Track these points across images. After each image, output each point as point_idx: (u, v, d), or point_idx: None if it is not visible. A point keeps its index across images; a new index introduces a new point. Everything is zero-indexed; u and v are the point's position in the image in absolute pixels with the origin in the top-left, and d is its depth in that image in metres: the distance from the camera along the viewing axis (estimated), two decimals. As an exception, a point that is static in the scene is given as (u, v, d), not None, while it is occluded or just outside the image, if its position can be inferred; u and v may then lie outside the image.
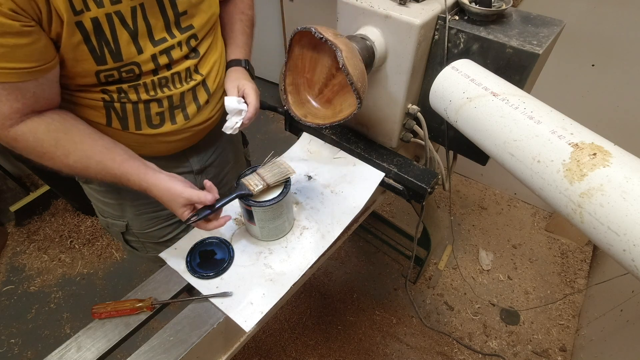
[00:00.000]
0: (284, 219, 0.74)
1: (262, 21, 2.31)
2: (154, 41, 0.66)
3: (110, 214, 0.90)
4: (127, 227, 0.91)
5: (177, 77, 0.73)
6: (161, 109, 0.73)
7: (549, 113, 0.55)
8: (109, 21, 0.60)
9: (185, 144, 0.83)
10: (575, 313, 1.56)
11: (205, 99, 0.78)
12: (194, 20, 0.71)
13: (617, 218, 0.43)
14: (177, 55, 0.71)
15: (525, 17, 0.74)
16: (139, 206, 0.87)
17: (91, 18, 0.58)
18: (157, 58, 0.68)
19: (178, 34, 0.70)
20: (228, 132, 0.76)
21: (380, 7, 0.71)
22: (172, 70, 0.71)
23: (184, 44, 0.71)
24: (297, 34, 0.68)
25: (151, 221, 0.91)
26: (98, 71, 0.63)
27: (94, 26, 0.59)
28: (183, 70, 0.73)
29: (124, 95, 0.68)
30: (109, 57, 0.62)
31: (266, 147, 2.27)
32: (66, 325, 1.56)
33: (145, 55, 0.66)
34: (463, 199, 2.00)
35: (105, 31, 0.60)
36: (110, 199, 0.86)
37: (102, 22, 0.59)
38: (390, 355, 1.48)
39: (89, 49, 0.60)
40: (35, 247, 1.82)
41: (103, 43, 0.61)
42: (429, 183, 0.81)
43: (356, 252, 1.80)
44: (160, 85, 0.71)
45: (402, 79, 0.77)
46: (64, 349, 0.62)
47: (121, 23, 0.61)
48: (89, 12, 0.57)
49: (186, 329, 0.64)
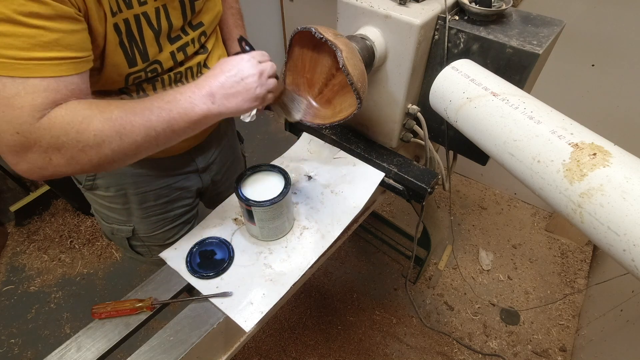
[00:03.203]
0: (284, 219, 0.74)
1: (262, 21, 2.31)
2: (171, 39, 0.67)
3: (115, 219, 0.89)
4: (133, 232, 0.91)
5: (190, 72, 0.74)
6: None
7: (549, 113, 0.55)
8: (136, 22, 0.60)
9: (191, 143, 0.85)
10: (575, 313, 1.56)
11: None
12: (203, 18, 0.73)
13: (617, 218, 0.43)
14: (191, 51, 0.72)
15: (525, 17, 0.74)
16: (146, 209, 0.88)
17: (123, 19, 0.58)
18: (175, 55, 0.69)
19: (190, 31, 0.71)
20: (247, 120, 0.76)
21: (380, 7, 0.71)
22: (185, 65, 0.72)
23: (196, 40, 0.73)
24: (297, 34, 0.68)
25: (158, 223, 0.92)
26: (129, 74, 0.63)
27: (126, 27, 0.59)
28: (195, 65, 0.74)
29: (142, 93, 0.68)
30: (138, 58, 0.63)
31: (266, 147, 2.27)
32: (66, 325, 1.56)
33: (165, 54, 0.67)
34: (463, 199, 2.00)
35: (134, 32, 0.60)
36: (117, 203, 0.86)
37: (131, 23, 0.59)
38: (390, 355, 1.48)
39: (123, 51, 0.60)
40: (35, 247, 1.82)
41: (133, 44, 0.61)
42: (429, 183, 0.81)
43: (356, 252, 1.80)
44: (175, 80, 0.72)
45: (402, 79, 0.77)
46: (64, 349, 0.62)
47: (147, 24, 0.62)
48: (122, 14, 0.57)
49: (186, 329, 0.64)
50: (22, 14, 0.44)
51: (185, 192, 0.92)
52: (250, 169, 0.75)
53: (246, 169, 0.75)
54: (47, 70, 0.47)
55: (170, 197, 0.89)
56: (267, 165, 0.77)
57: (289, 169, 0.89)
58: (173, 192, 0.89)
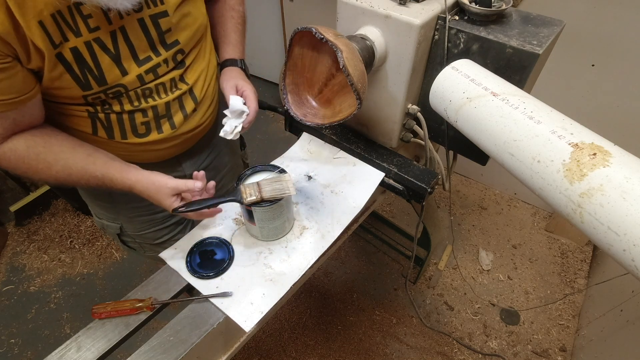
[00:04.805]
0: (284, 219, 0.74)
1: (262, 21, 2.31)
2: (138, 61, 0.66)
3: (105, 215, 0.89)
4: (121, 229, 0.91)
5: (162, 87, 0.72)
6: (146, 119, 0.72)
7: (549, 113, 0.55)
8: (88, 49, 0.59)
9: (176, 150, 0.82)
10: (575, 313, 1.56)
11: (192, 108, 0.77)
12: (179, 36, 0.70)
13: (617, 218, 0.43)
14: (163, 71, 0.70)
15: (525, 17, 0.74)
16: (132, 209, 0.87)
17: (70, 48, 0.57)
18: (144, 77, 0.67)
19: (163, 51, 0.68)
20: (229, 138, 0.74)
21: (380, 7, 0.71)
22: (155, 81, 0.70)
23: (170, 60, 0.70)
24: (298, 34, 0.68)
25: (145, 224, 0.91)
26: (85, 95, 0.63)
27: (74, 55, 0.58)
28: (168, 81, 0.72)
29: (107, 107, 0.68)
30: (93, 82, 0.62)
31: (266, 147, 2.27)
32: (66, 325, 1.56)
33: (131, 77, 0.65)
34: (463, 199, 2.00)
35: (87, 59, 0.60)
36: (104, 201, 0.85)
37: (82, 51, 0.59)
38: (390, 355, 1.48)
39: (72, 77, 0.60)
40: (35, 247, 1.82)
41: (86, 70, 0.61)
42: (429, 183, 0.81)
43: (356, 252, 1.80)
44: (144, 95, 0.70)
45: (402, 79, 0.77)
46: (64, 349, 0.62)
47: (102, 49, 0.61)
48: (68, 43, 0.57)
49: (186, 329, 0.64)
50: None
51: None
52: (250, 169, 0.75)
53: (246, 169, 0.75)
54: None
55: None
56: (267, 165, 0.77)
57: (289, 169, 0.89)
58: None
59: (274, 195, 0.67)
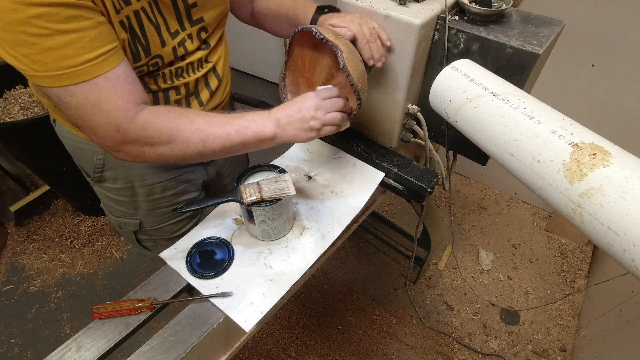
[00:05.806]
0: (284, 219, 0.74)
1: (262, 21, 2.30)
2: (170, 33, 0.68)
3: (122, 212, 0.90)
4: (140, 225, 0.92)
5: (191, 67, 0.75)
6: (179, 96, 0.75)
7: (549, 113, 0.55)
8: (136, 17, 0.61)
9: None
10: (575, 313, 1.56)
11: (216, 85, 0.81)
12: (204, 13, 0.72)
13: (617, 218, 0.43)
14: (191, 47, 0.72)
15: (525, 17, 0.74)
16: (153, 201, 0.88)
17: (126, 16, 0.59)
18: (177, 50, 0.70)
19: (188, 25, 0.71)
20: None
21: (380, 7, 0.71)
22: (186, 60, 0.73)
23: (195, 36, 0.73)
24: (298, 34, 0.68)
25: (164, 216, 0.92)
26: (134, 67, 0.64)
27: (129, 24, 0.60)
28: (196, 61, 0.75)
29: (144, 86, 0.69)
30: (142, 52, 0.64)
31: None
32: (66, 325, 1.56)
33: (167, 48, 0.68)
34: (463, 199, 2.00)
35: (135, 27, 0.62)
36: (124, 196, 0.86)
37: (131, 19, 0.61)
38: (390, 355, 1.48)
39: (129, 47, 0.62)
40: (35, 247, 1.82)
41: (136, 40, 0.62)
42: (429, 183, 0.81)
43: (356, 252, 1.80)
44: (177, 74, 0.73)
45: (402, 79, 0.77)
46: (64, 349, 0.62)
47: (147, 18, 0.63)
48: (124, 10, 0.59)
49: (186, 329, 0.64)
50: (62, 21, 0.49)
51: (191, 184, 0.92)
52: (250, 168, 0.76)
53: (246, 169, 0.75)
54: (102, 67, 0.55)
55: (176, 189, 0.89)
56: (267, 165, 0.77)
57: (289, 169, 0.89)
58: (179, 185, 0.89)
59: (273, 195, 0.68)
